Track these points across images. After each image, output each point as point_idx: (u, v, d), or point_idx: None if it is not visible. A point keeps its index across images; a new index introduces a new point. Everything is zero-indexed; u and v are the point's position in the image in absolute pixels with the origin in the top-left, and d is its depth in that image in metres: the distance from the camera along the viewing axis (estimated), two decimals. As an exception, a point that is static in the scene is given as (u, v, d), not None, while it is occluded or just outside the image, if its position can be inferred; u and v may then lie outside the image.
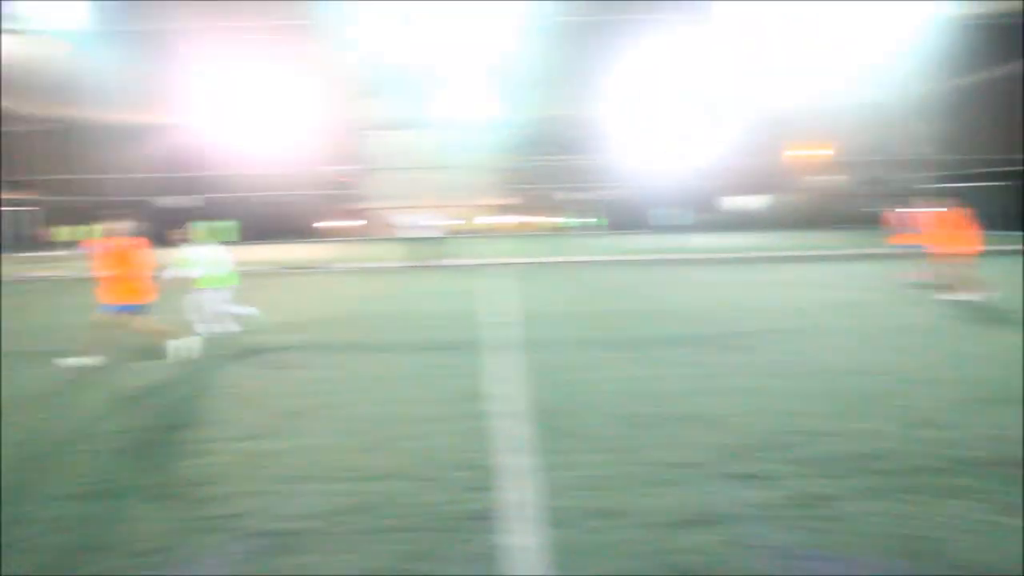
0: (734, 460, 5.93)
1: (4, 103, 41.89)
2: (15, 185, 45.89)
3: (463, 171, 55.66)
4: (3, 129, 44.12)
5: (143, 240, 10.64)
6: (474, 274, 22.72)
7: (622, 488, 5.43)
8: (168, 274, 12.62)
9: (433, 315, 14.61)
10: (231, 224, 33.06)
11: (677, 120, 49.17)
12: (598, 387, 8.35)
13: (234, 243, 32.77)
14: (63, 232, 36.62)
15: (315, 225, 52.49)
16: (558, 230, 51.93)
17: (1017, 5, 36.02)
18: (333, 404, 8.03)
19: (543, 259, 26.98)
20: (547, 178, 54.87)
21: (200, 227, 12.54)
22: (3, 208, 41.81)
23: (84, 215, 42.19)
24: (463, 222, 48.25)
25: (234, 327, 12.94)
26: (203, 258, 12.85)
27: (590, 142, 51.02)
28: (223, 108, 42.21)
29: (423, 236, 26.58)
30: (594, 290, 18.27)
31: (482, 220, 54.74)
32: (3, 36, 35.15)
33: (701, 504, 5.14)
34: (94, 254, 10.45)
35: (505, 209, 55.52)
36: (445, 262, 25.99)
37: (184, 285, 12.82)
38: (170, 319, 11.70)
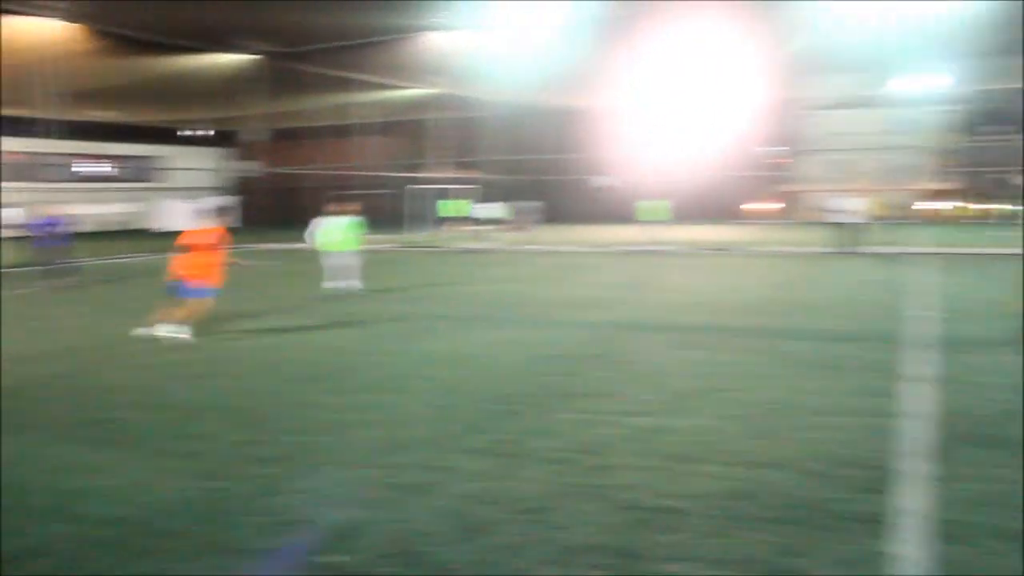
0: None
1: (454, 92, 46.51)
2: (459, 166, 50.88)
3: (900, 152, 51.99)
4: (454, 115, 49.08)
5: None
6: (899, 263, 21.18)
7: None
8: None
9: (848, 304, 13.90)
10: (664, 204, 33.66)
11: None
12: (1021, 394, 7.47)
13: (668, 222, 33.51)
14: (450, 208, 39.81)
15: (742, 207, 51.99)
16: (1002, 217, 45.79)
17: None
18: (730, 387, 7.96)
19: (979, 250, 24.34)
20: (995, 160, 49.28)
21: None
22: (441, 186, 46.40)
23: (509, 192, 45.63)
24: (894, 207, 44.82)
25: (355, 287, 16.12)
26: (330, 227, 16.13)
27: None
28: (663, 88, 43.16)
29: (848, 221, 25.23)
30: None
31: (916, 205, 50.48)
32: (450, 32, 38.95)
33: None
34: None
35: (942, 194, 50.65)
36: (870, 249, 24.51)
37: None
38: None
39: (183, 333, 11.14)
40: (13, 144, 53.76)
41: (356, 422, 6.97)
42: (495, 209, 39.88)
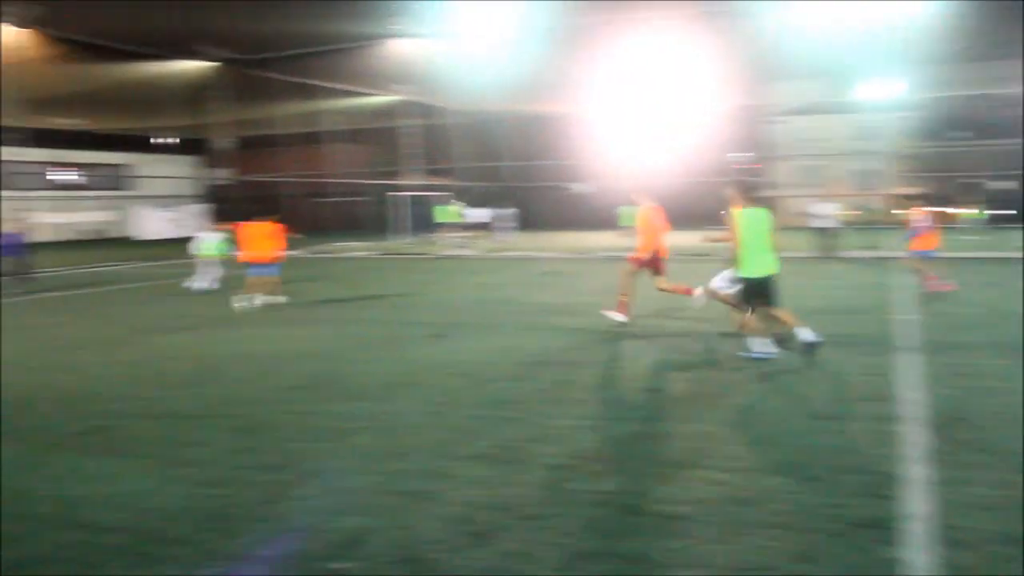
0: None
1: (423, 99, 46.53)
2: (433, 173, 50.88)
3: (867, 158, 52.57)
4: (424, 122, 49.09)
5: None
6: (875, 267, 21.40)
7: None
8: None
9: (832, 309, 13.97)
10: (635, 210, 33.67)
11: None
12: (1013, 397, 7.52)
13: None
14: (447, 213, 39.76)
15: (719, 213, 52.29)
16: (971, 221, 46.26)
17: None
18: (723, 393, 8.02)
19: (953, 254, 24.47)
20: (957, 165, 49.97)
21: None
22: (419, 193, 46.45)
23: (485, 199, 45.72)
24: (866, 211, 45.22)
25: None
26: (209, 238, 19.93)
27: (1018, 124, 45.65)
28: (630, 96, 43.38)
29: (824, 226, 25.47)
30: (1009, 291, 15.93)
31: (886, 210, 50.97)
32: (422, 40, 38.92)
33: None
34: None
35: (911, 199, 51.17)
36: (846, 254, 24.77)
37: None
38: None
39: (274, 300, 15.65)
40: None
41: (353, 429, 6.95)
42: (479, 215, 39.87)
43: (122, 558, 4.51)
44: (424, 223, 44.56)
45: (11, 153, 32.86)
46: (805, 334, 9.21)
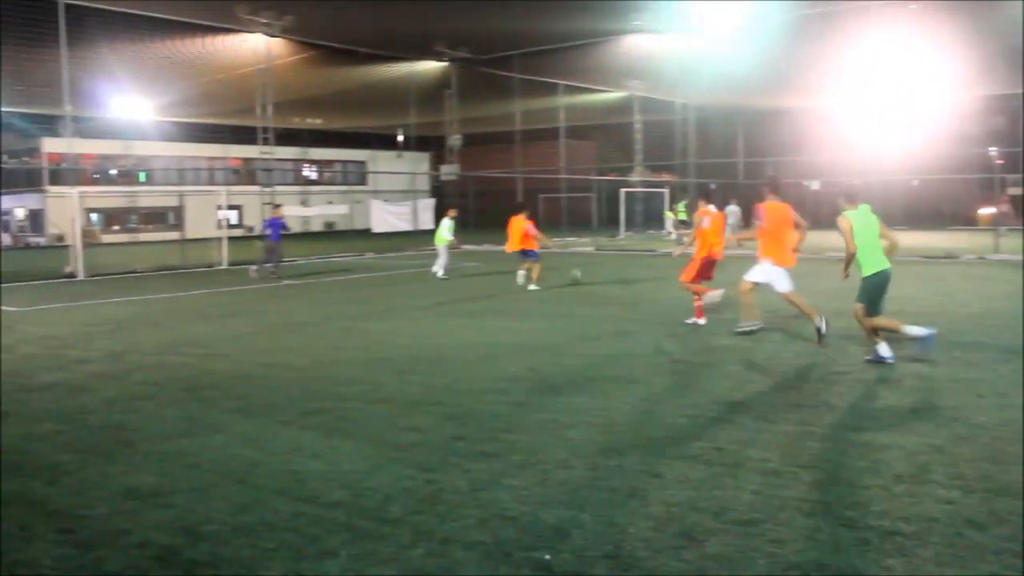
0: None
1: (654, 95, 46.17)
2: (661, 169, 50.36)
3: None
4: (654, 118, 48.69)
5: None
6: None
7: None
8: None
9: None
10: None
11: None
12: None
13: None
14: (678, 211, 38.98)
15: (978, 211, 48.48)
16: None
17: None
18: (956, 406, 7.42)
19: None
20: None
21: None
22: (640, 190, 46.23)
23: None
24: None
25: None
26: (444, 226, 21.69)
27: None
28: (871, 88, 41.22)
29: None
30: None
31: None
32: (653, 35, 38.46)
33: None
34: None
35: None
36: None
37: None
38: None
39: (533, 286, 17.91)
40: (237, 151, 58.00)
41: (567, 423, 6.99)
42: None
43: (338, 533, 4.72)
44: (649, 219, 44.32)
45: (264, 151, 35.45)
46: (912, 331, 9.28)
